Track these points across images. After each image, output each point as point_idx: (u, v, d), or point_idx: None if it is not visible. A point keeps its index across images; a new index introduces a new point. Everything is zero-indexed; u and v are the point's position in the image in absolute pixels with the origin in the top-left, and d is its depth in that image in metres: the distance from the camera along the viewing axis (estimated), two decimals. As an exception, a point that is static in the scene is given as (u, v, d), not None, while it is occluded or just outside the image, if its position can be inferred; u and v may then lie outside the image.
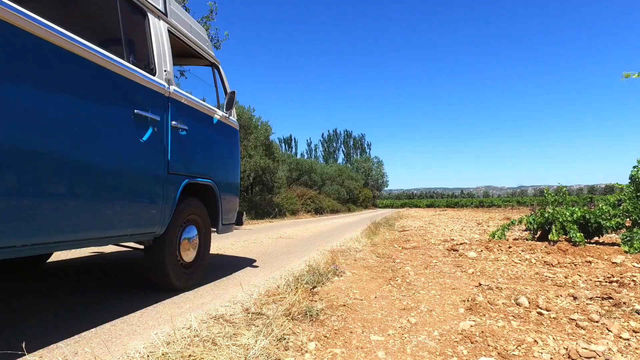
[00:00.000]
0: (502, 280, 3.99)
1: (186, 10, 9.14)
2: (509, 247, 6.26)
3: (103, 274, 4.02)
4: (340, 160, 59.53)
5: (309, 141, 65.80)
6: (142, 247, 3.35)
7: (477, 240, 7.64)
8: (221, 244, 6.82)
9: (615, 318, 2.63)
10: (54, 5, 3.18)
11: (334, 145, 62.25)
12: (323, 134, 64.18)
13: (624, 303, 2.93)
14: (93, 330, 2.37)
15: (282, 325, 2.34)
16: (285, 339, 2.18)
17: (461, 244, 6.88)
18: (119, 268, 4.34)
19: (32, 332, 2.30)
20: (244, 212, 4.72)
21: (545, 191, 8.10)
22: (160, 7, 3.29)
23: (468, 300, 3.10)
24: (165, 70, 3.19)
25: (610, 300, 3.04)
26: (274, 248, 6.60)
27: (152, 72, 3.06)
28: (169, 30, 3.39)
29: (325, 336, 2.30)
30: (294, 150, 56.26)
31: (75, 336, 2.25)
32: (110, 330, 2.39)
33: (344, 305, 2.90)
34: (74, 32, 2.26)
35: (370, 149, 63.65)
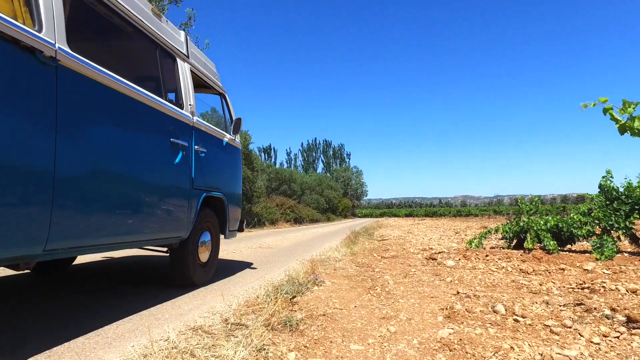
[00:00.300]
0: (479, 288, 4.05)
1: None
2: (486, 256, 6.37)
3: (75, 284, 3.91)
4: (319, 170, 59.65)
5: (288, 150, 65.69)
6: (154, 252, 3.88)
7: (455, 249, 7.75)
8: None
9: (586, 323, 2.70)
10: (116, 58, 3.84)
11: (314, 154, 62.38)
12: (302, 143, 64.37)
13: (595, 309, 3.02)
14: (66, 344, 2.31)
15: (261, 336, 2.32)
16: (264, 349, 2.16)
17: (439, 252, 6.97)
18: (92, 279, 4.24)
19: (2, 346, 2.22)
20: (244, 220, 5.34)
21: (519, 201, 8.29)
22: (184, 51, 4.01)
23: (446, 309, 3.14)
24: (189, 104, 3.89)
25: (582, 306, 3.12)
26: (253, 258, 6.56)
27: (181, 106, 3.75)
28: (190, 70, 4.09)
29: (305, 346, 2.30)
30: (273, 159, 56.06)
31: (47, 351, 2.19)
32: (85, 344, 2.33)
33: (324, 315, 2.90)
34: (129, 79, 2.94)
35: (349, 158, 64.02)
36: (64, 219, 2.32)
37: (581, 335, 2.48)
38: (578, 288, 4.00)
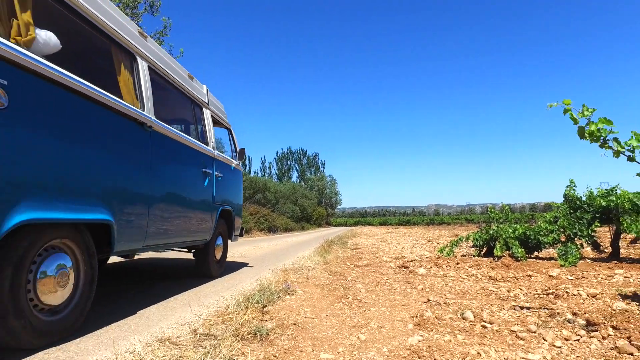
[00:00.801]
0: (450, 295, 4.12)
1: (140, 29, 9.01)
2: (457, 264, 6.48)
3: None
4: (294, 179, 59.54)
5: (263, 159, 65.31)
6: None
7: (427, 257, 7.85)
8: (173, 263, 6.60)
9: (550, 328, 2.78)
10: (172, 114, 5.26)
11: (288, 163, 62.26)
12: (277, 152, 64.15)
13: (558, 313, 3.11)
14: (27, 359, 2.22)
15: (230, 346, 2.29)
16: (233, 359, 2.13)
17: (412, 261, 7.05)
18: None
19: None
20: (244, 227, 7.57)
21: (489, 210, 8.49)
22: (206, 100, 5.26)
23: (417, 316, 3.17)
24: (212, 141, 5.13)
25: (547, 311, 3.21)
26: (225, 267, 6.47)
27: (206, 143, 5.01)
28: (211, 115, 5.36)
29: (275, 356, 2.28)
30: (248, 168, 55.57)
31: (5, 365, 2.10)
32: (43, 359, 2.25)
33: (295, 324, 2.89)
34: (177, 127, 4.77)
35: (324, 167, 64.12)
36: (153, 226, 3.54)
37: (545, 340, 2.55)
38: (543, 294, 4.12)
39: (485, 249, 7.99)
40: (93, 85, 2.77)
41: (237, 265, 6.69)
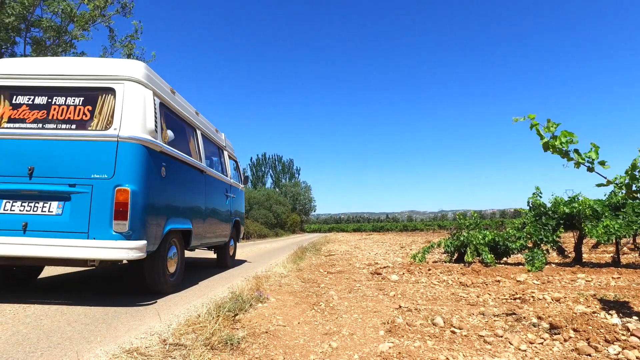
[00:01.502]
0: (421, 301, 4.18)
1: (110, 30, 8.83)
2: (429, 270, 6.58)
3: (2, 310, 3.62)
4: (268, 185, 59.20)
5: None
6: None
7: (399, 263, 7.94)
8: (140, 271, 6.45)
9: (516, 332, 2.86)
10: (208, 157, 6.50)
11: (263, 169, 61.89)
12: (252, 158, 63.53)
13: (524, 317, 3.21)
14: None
15: (200, 356, 2.26)
16: (203, 370, 2.10)
17: (385, 267, 7.11)
18: (18, 301, 3.94)
19: None
20: (246, 232, 10.31)
21: (458, 217, 8.66)
22: (224, 144, 7.38)
23: (388, 323, 3.21)
24: (229, 173, 7.28)
25: (513, 316, 3.30)
26: (196, 275, 6.37)
27: (225, 174, 7.10)
28: (227, 154, 7.49)
29: (246, 365, 2.26)
30: (222, 174, 55.07)
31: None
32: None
33: (267, 332, 2.87)
34: (210, 166, 6.44)
35: (299, 174, 64.01)
36: (205, 231, 5.67)
37: (511, 344, 2.62)
38: (511, 299, 4.23)
39: (456, 255, 8.14)
40: (187, 156, 5.04)
41: (209, 273, 6.60)
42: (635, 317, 3.07)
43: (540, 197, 7.57)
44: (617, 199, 7.12)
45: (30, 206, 3.71)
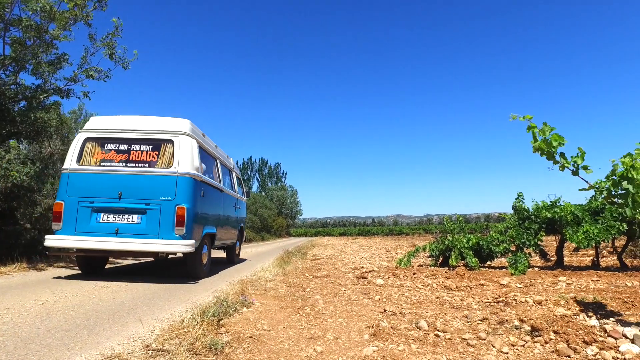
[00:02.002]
0: (405, 305, 4.20)
1: (89, 26, 8.68)
2: (414, 274, 6.63)
3: (-23, 315, 3.54)
4: (254, 189, 58.78)
5: (223, 169, 64.21)
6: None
7: (385, 267, 7.97)
8: (125, 277, 6.35)
9: (498, 335, 2.90)
10: (224, 178, 8.33)
11: (249, 173, 61.57)
12: (238, 161, 63.17)
13: (507, 320, 3.25)
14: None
15: (184, 362, 2.24)
16: (186, 375, 2.09)
17: (370, 271, 7.14)
18: (-2, 308, 3.86)
19: None
20: (246, 235, 14.56)
21: (444, 220, 8.74)
22: (233, 167, 9.45)
23: (373, 327, 3.22)
24: (236, 190, 9.47)
25: (496, 319, 3.34)
26: (181, 282, 6.31)
27: (234, 190, 9.15)
28: (235, 174, 9.50)
29: (230, 370, 2.25)
30: (207, 177, 54.55)
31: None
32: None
33: (251, 337, 2.86)
34: (226, 185, 8.46)
35: (285, 177, 63.90)
36: (222, 234, 7.57)
37: (493, 346, 2.66)
38: (494, 302, 4.28)
39: (441, 259, 8.21)
40: (213, 180, 6.80)
41: (222, 267, 6.54)
42: (612, 319, 3.14)
43: (523, 201, 7.70)
44: (596, 204, 7.27)
45: (120, 217, 5.68)
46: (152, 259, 7.70)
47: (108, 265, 7.87)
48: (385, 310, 3.84)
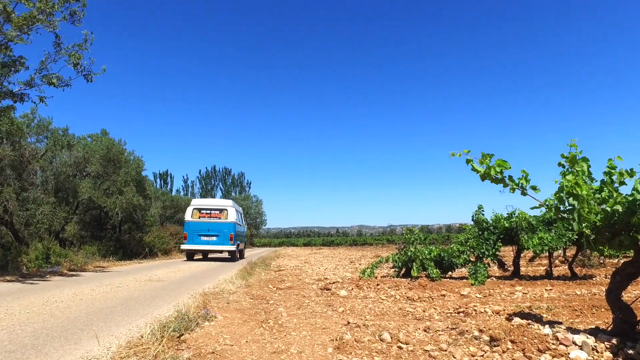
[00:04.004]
0: (369, 317, 4.23)
1: (57, 37, 8.37)
2: (377, 285, 6.69)
3: None
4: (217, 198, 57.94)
5: (185, 177, 62.75)
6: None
7: (349, 278, 8.01)
8: (78, 290, 6.08)
9: (459, 345, 2.97)
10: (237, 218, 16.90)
11: (212, 182, 60.48)
12: (200, 170, 62.03)
13: (467, 331, 3.33)
14: None
15: (142, 380, 2.16)
16: (144, 395, 2.01)
17: (334, 282, 7.15)
18: None
19: None
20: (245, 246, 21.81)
21: (405, 232, 8.90)
22: (239, 209, 17.91)
23: (336, 339, 3.22)
24: (243, 223, 19.71)
25: (457, 330, 3.42)
26: (141, 292, 6.10)
27: (241, 224, 18.25)
28: (241, 213, 18.38)
29: (191, 388, 2.19)
30: (169, 186, 52.95)
31: None
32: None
33: (213, 353, 2.79)
34: (238, 222, 16.98)
35: (250, 187, 63.19)
36: (240, 243, 16.62)
37: (454, 357, 2.72)
38: (455, 312, 4.38)
39: (404, 269, 8.33)
40: (238, 221, 15.95)
41: (154, 290, 6.34)
42: (563, 327, 3.27)
43: (483, 213, 7.96)
44: (549, 215, 7.62)
45: (208, 238, 14.32)
46: (221, 254, 17.64)
47: (67, 275, 7.39)
48: (349, 323, 3.85)
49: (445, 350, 2.86)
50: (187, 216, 14.61)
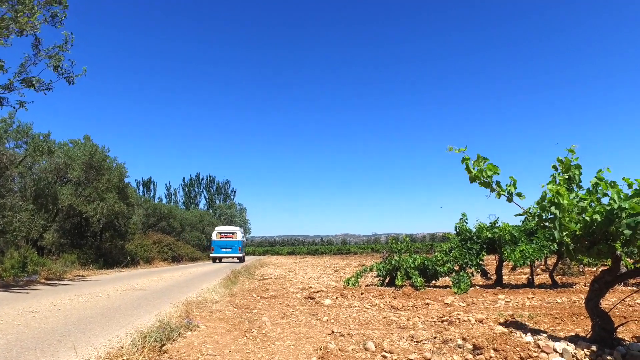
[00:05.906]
0: (353, 326, 4.22)
1: (36, 39, 8.23)
2: (362, 294, 6.69)
3: None
4: (201, 206, 57.33)
5: (168, 185, 62.11)
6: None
7: (333, 287, 7.99)
8: (56, 300, 5.94)
9: (443, 354, 2.98)
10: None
11: (196, 190, 59.93)
12: (184, 178, 61.46)
13: (450, 339, 3.35)
14: None
15: (122, 392, 2.11)
16: (124, 407, 1.97)
17: (318, 291, 7.12)
18: None
19: None
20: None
21: (390, 241, 8.94)
22: (243, 229, 42.76)
23: (321, 349, 3.20)
24: (244, 237, 39.90)
25: (441, 338, 3.43)
26: (122, 301, 5.99)
27: (243, 238, 34.71)
28: (243, 231, 37.26)
29: (172, 399, 2.15)
30: (152, 193, 52.30)
31: None
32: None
33: (196, 363, 2.75)
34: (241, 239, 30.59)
35: (235, 195, 62.80)
36: (244, 252, 30.74)
37: (438, 366, 2.72)
38: (439, 321, 4.40)
39: (388, 278, 8.35)
40: (243, 238, 31.25)
41: (135, 300, 6.22)
42: (544, 335, 3.32)
43: (466, 222, 8.04)
44: (531, 225, 7.74)
45: (226, 249, 26.22)
46: (234, 260, 27.03)
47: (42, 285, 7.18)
48: (333, 332, 3.83)
49: (430, 359, 2.87)
50: (214, 237, 26.37)
